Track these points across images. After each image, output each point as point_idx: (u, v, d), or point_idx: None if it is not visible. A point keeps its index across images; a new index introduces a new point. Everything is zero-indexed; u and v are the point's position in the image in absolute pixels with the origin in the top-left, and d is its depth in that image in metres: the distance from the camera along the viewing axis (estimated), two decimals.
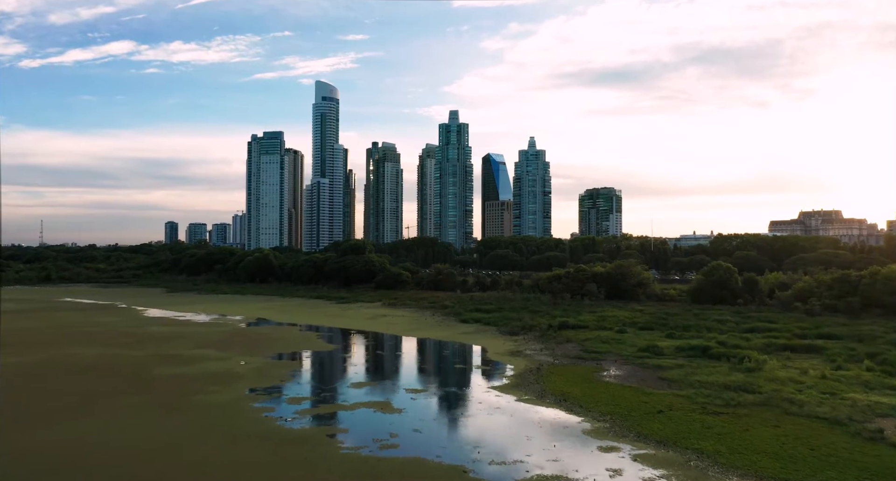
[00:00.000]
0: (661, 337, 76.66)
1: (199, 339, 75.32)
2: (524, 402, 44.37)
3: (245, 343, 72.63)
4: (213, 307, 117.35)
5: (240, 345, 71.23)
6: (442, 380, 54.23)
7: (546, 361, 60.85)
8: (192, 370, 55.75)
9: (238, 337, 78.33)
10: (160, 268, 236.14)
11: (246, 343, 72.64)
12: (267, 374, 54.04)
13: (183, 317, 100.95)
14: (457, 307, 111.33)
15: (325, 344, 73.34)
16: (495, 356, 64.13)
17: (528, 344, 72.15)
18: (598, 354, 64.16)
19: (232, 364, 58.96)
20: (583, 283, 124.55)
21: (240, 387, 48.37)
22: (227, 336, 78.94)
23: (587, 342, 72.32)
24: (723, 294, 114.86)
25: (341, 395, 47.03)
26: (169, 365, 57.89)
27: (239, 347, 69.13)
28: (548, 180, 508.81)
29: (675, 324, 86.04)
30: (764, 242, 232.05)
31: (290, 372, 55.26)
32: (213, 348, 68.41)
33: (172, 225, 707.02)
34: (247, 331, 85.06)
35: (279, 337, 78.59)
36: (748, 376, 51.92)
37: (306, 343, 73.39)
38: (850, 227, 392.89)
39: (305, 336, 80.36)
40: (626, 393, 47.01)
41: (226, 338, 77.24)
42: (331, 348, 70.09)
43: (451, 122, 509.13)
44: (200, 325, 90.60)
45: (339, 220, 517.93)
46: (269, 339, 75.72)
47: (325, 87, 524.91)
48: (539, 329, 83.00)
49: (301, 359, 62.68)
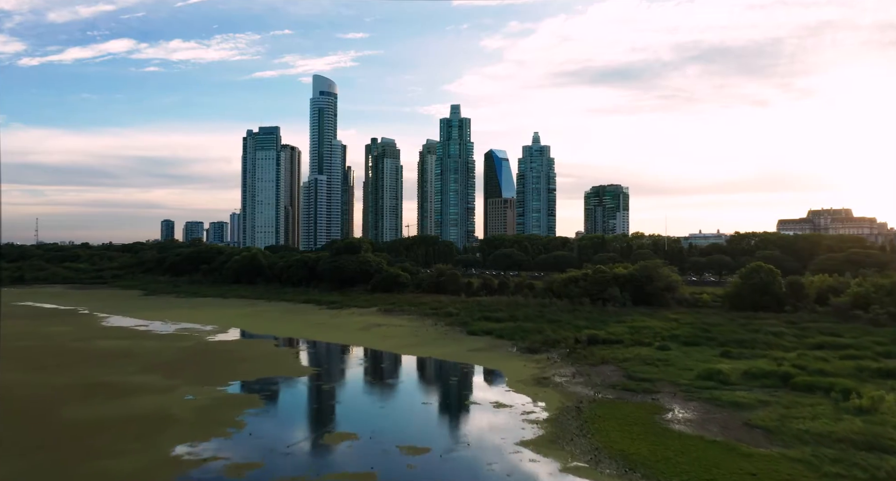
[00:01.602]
0: (714, 355, 62.89)
1: (149, 359, 61.25)
2: (574, 474, 30.26)
3: (203, 364, 58.54)
4: (184, 314, 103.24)
5: (196, 367, 57.17)
6: (451, 429, 40.11)
7: (585, 395, 46.75)
8: (116, 410, 41.64)
9: (199, 355, 64.19)
10: (144, 268, 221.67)
11: (204, 364, 58.55)
12: (212, 418, 39.88)
13: (144, 328, 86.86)
14: (462, 314, 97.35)
15: (300, 366, 59.17)
16: (517, 386, 49.99)
17: (554, 366, 58.08)
18: (649, 383, 50.10)
19: (174, 399, 44.91)
20: (603, 287, 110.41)
21: (165, 444, 34.23)
22: (185, 354, 64.84)
23: (627, 364, 58.39)
24: (765, 300, 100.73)
25: (306, 459, 32.85)
26: (89, 402, 43.83)
27: (194, 371, 55.09)
28: (552, 177, 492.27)
29: (724, 339, 72.01)
30: (785, 241, 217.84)
31: (244, 415, 40.91)
32: (160, 372, 54.38)
33: (168, 223, 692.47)
34: (212, 346, 70.86)
35: (249, 355, 64.39)
36: (867, 421, 37.92)
37: (278, 365, 59.15)
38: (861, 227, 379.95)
39: (280, 354, 66.12)
40: (714, 453, 32.96)
41: (183, 356, 63.15)
42: (307, 373, 55.81)
43: (452, 117, 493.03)
44: (160, 338, 76.47)
45: (338, 219, 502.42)
46: (234, 359, 61.55)
47: (323, 81, 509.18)
48: (564, 344, 69.03)
49: (264, 392, 48.38)
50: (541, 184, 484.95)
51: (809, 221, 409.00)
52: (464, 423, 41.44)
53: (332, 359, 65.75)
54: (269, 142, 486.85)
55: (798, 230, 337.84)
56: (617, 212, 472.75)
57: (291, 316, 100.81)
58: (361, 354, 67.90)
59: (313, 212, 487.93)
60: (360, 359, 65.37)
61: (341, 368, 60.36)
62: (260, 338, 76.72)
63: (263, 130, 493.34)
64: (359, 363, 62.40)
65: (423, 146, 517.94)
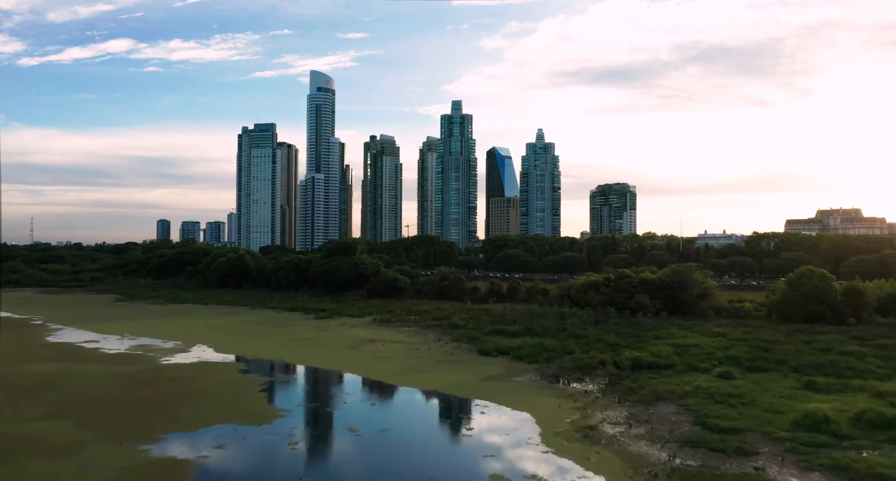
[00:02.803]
0: (796, 388, 49.63)
1: (71, 394, 47.58)
2: None
3: (138, 404, 44.79)
4: (150, 326, 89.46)
5: (126, 408, 43.44)
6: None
7: (655, 459, 33.06)
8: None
9: (139, 387, 50.39)
10: (127, 270, 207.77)
11: (139, 404, 44.79)
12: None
13: (94, 345, 73.05)
14: (470, 327, 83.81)
15: (264, 407, 45.22)
16: (557, 442, 36.21)
17: (598, 405, 44.38)
18: (736, 437, 36.67)
19: (70, 468, 31.32)
20: (629, 294, 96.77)
21: None
22: (123, 385, 51.09)
23: (691, 401, 44.96)
24: (820, 309, 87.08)
25: None
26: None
27: (120, 415, 41.40)
28: (557, 175, 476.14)
29: (795, 363, 58.54)
30: (809, 242, 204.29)
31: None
32: (74, 417, 40.71)
33: (164, 223, 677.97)
34: (162, 373, 56.90)
35: (202, 387, 50.51)
36: None
37: (236, 405, 45.27)
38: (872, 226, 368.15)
39: (244, 385, 52.16)
40: None
41: (118, 390, 49.43)
42: (271, 418, 41.83)
43: (453, 113, 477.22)
44: (103, 361, 62.66)
45: (335, 218, 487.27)
46: (182, 395, 47.75)
47: (321, 76, 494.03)
48: (602, 370, 55.39)
49: (204, 454, 34.44)
50: (545, 182, 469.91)
51: (818, 221, 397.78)
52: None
53: (308, 392, 51.76)
54: (264, 140, 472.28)
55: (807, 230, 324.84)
56: (624, 212, 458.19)
57: (272, 328, 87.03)
58: (348, 384, 54.15)
59: (310, 211, 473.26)
60: (345, 393, 51.53)
61: (318, 409, 46.16)
62: (226, 361, 62.86)
63: (259, 127, 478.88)
64: (343, 400, 48.52)
65: (424, 143, 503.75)
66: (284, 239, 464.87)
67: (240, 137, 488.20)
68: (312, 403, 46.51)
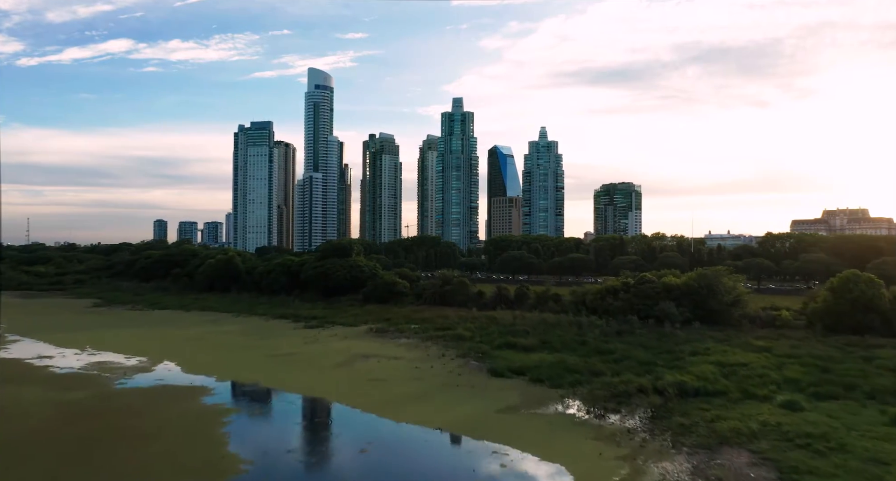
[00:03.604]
0: (884, 422, 40.17)
1: None
2: None
3: (64, 448, 35.19)
4: (117, 337, 79.86)
5: (44, 456, 33.84)
6: None
7: None
8: None
9: (76, 422, 40.73)
10: (112, 272, 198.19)
11: (66, 448, 35.18)
12: None
13: (44, 361, 63.32)
14: (478, 338, 74.39)
15: (219, 454, 35.29)
16: None
17: (649, 452, 34.85)
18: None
19: None
20: (653, 301, 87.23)
21: None
22: (58, 417, 41.46)
23: (762, 445, 35.73)
24: (869, 318, 77.64)
25: None
26: None
27: (33, 466, 31.81)
28: (560, 174, 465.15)
29: (868, 387, 49.07)
30: (826, 242, 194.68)
31: None
32: None
33: (161, 223, 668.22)
34: (109, 402, 47.10)
35: (151, 426, 40.74)
36: None
37: (183, 450, 35.49)
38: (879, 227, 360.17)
39: (203, 421, 42.33)
40: None
41: (48, 425, 39.78)
42: (222, 476, 32.01)
43: (454, 111, 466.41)
44: (47, 383, 52.98)
45: (334, 218, 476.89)
46: (121, 434, 38.10)
47: (319, 74, 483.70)
48: (642, 396, 45.90)
49: None
50: (548, 181, 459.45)
51: (825, 222, 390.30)
52: None
53: (282, 432, 41.83)
54: (261, 138, 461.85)
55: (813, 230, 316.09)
56: (629, 212, 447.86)
57: (255, 340, 77.39)
58: (334, 420, 44.52)
59: (308, 211, 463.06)
60: (329, 432, 41.86)
61: (291, 461, 36.30)
62: (189, 385, 53.19)
63: (255, 125, 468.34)
64: (324, 445, 38.85)
65: (424, 141, 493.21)
66: (282, 239, 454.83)
67: (236, 136, 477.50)
68: (285, 450, 36.67)
